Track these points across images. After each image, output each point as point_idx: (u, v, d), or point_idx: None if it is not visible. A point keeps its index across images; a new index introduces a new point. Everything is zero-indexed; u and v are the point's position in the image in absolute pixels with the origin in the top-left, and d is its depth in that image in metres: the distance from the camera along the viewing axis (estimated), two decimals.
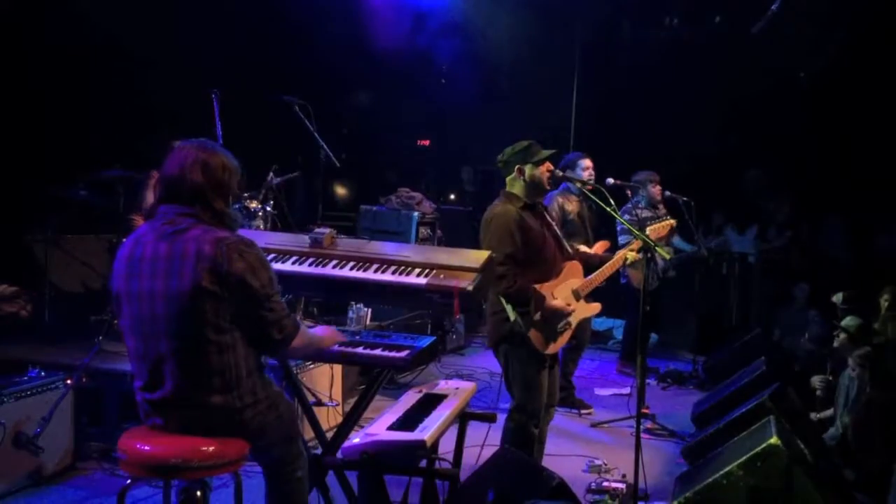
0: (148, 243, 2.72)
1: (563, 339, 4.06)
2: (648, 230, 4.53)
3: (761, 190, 9.67)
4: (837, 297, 5.65)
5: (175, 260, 2.64)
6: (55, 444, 4.24)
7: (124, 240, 5.48)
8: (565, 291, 4.08)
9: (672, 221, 4.88)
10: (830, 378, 5.47)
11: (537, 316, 3.90)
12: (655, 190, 6.77)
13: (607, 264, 4.33)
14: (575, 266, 4.18)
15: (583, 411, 6.01)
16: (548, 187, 4.19)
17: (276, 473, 2.95)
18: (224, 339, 2.68)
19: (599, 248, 4.80)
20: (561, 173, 4.48)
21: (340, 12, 8.48)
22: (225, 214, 2.76)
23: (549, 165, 4.12)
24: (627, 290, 6.85)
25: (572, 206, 5.81)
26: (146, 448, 2.70)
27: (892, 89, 8.26)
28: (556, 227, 4.20)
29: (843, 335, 5.15)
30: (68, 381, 4.31)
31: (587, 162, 5.75)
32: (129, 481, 2.90)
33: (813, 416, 5.35)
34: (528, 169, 4.06)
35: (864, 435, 4.50)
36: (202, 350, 2.66)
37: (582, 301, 4.17)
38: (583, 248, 4.87)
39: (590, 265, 4.30)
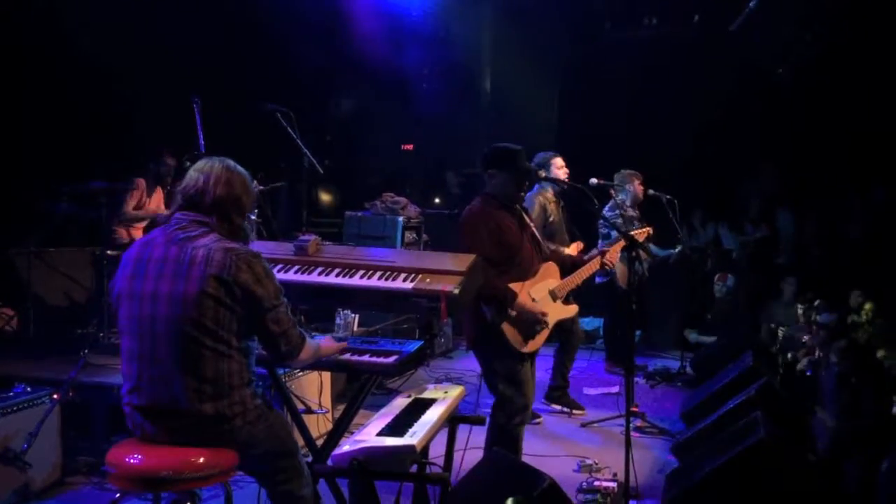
0: (157, 246, 2.77)
1: (541, 339, 4.07)
2: (607, 247, 4.61)
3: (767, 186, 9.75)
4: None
5: (183, 264, 2.70)
6: (43, 460, 4.20)
7: (108, 252, 5.51)
8: (542, 292, 4.09)
9: (648, 229, 4.95)
10: (820, 355, 5.54)
11: (512, 313, 3.91)
12: (639, 189, 6.80)
13: (584, 267, 4.35)
14: (551, 267, 4.20)
15: (575, 412, 6.01)
16: (526, 188, 4.21)
17: (278, 492, 2.94)
18: (220, 348, 2.71)
19: (574, 249, 4.82)
20: (543, 174, 4.49)
21: (323, 19, 8.47)
22: (240, 228, 2.86)
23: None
24: (608, 288, 6.87)
25: (552, 206, 5.82)
26: (135, 461, 2.69)
27: (871, 82, 8.34)
28: (533, 228, 4.21)
29: (821, 332, 5.20)
30: (55, 396, 4.27)
31: (560, 161, 5.71)
32: (118, 495, 2.88)
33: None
34: (507, 170, 4.06)
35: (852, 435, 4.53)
36: (198, 355, 2.68)
37: (559, 302, 4.18)
38: (566, 249, 4.90)
39: (564, 267, 4.32)
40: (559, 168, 5.67)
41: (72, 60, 6.66)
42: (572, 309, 4.32)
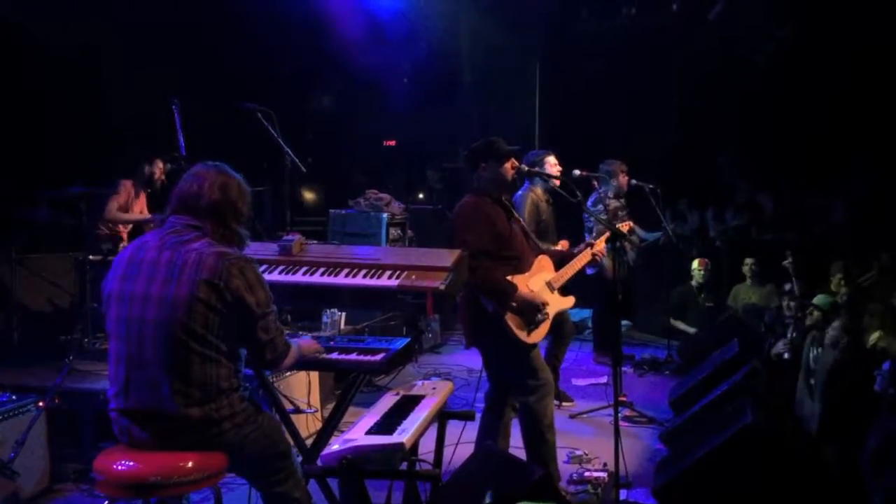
0: (150, 249, 2.77)
1: (543, 331, 4.08)
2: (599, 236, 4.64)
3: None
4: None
5: (175, 268, 2.69)
6: (31, 468, 4.16)
7: (91, 257, 5.47)
8: (539, 284, 4.11)
9: (629, 223, 4.98)
10: (794, 335, 5.63)
11: (513, 305, 3.92)
12: (624, 180, 6.79)
13: (577, 258, 4.37)
14: (545, 260, 4.22)
15: (564, 403, 6.02)
16: (512, 182, 4.22)
17: (271, 494, 2.93)
18: (208, 353, 2.70)
19: (561, 247, 4.83)
20: (527, 168, 4.50)
21: (301, 17, 8.42)
22: (235, 233, 2.86)
23: (514, 162, 4.14)
24: (596, 279, 6.90)
25: (544, 204, 5.79)
26: (123, 468, 2.67)
27: (847, 69, 8.41)
28: (523, 223, 4.23)
29: (816, 313, 5.24)
30: (41, 404, 4.24)
31: (553, 159, 5.68)
32: (106, 502, 2.86)
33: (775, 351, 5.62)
34: (492, 166, 4.07)
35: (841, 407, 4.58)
36: (186, 359, 2.67)
37: (556, 294, 4.20)
38: (555, 247, 4.93)
39: (555, 262, 4.34)
40: (552, 166, 5.62)
41: (48, 64, 6.60)
42: (569, 301, 4.35)
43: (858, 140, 8.55)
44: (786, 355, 5.65)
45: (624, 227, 4.81)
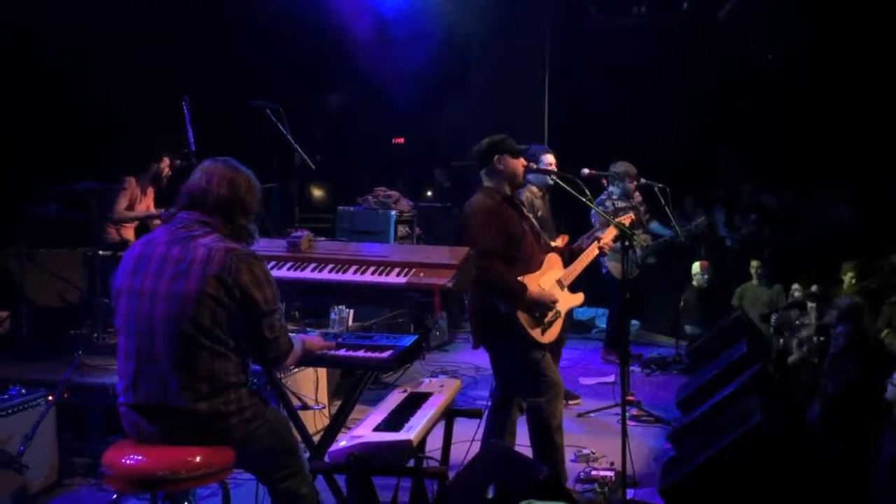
0: (160, 244, 2.78)
1: (556, 330, 4.08)
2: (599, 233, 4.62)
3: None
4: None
5: (183, 263, 2.70)
6: (40, 462, 4.18)
7: (100, 252, 5.48)
8: (550, 282, 4.11)
9: (630, 215, 4.96)
10: (819, 338, 5.62)
11: (525, 304, 3.91)
12: (632, 185, 6.76)
13: (585, 253, 4.37)
14: (554, 257, 4.22)
15: (570, 402, 6.02)
16: (523, 180, 4.22)
17: (278, 490, 2.93)
18: (217, 348, 2.71)
19: (560, 242, 4.82)
20: (535, 166, 4.49)
21: (308, 15, 8.43)
22: (244, 229, 2.86)
23: (523, 160, 4.14)
24: (608, 280, 6.88)
25: (539, 201, 5.79)
26: (131, 462, 2.68)
27: (857, 69, 8.37)
28: (533, 221, 4.22)
29: (834, 312, 5.24)
30: (50, 398, 4.26)
31: (550, 157, 5.63)
32: (115, 496, 2.87)
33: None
34: (507, 159, 4.07)
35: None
36: (194, 354, 2.68)
37: (566, 290, 4.20)
38: (553, 243, 4.92)
39: (563, 258, 4.33)
40: (549, 165, 5.64)
41: (57, 62, 6.62)
42: (579, 297, 4.34)
43: (868, 139, 8.51)
44: (805, 348, 5.65)
45: (625, 219, 4.78)
